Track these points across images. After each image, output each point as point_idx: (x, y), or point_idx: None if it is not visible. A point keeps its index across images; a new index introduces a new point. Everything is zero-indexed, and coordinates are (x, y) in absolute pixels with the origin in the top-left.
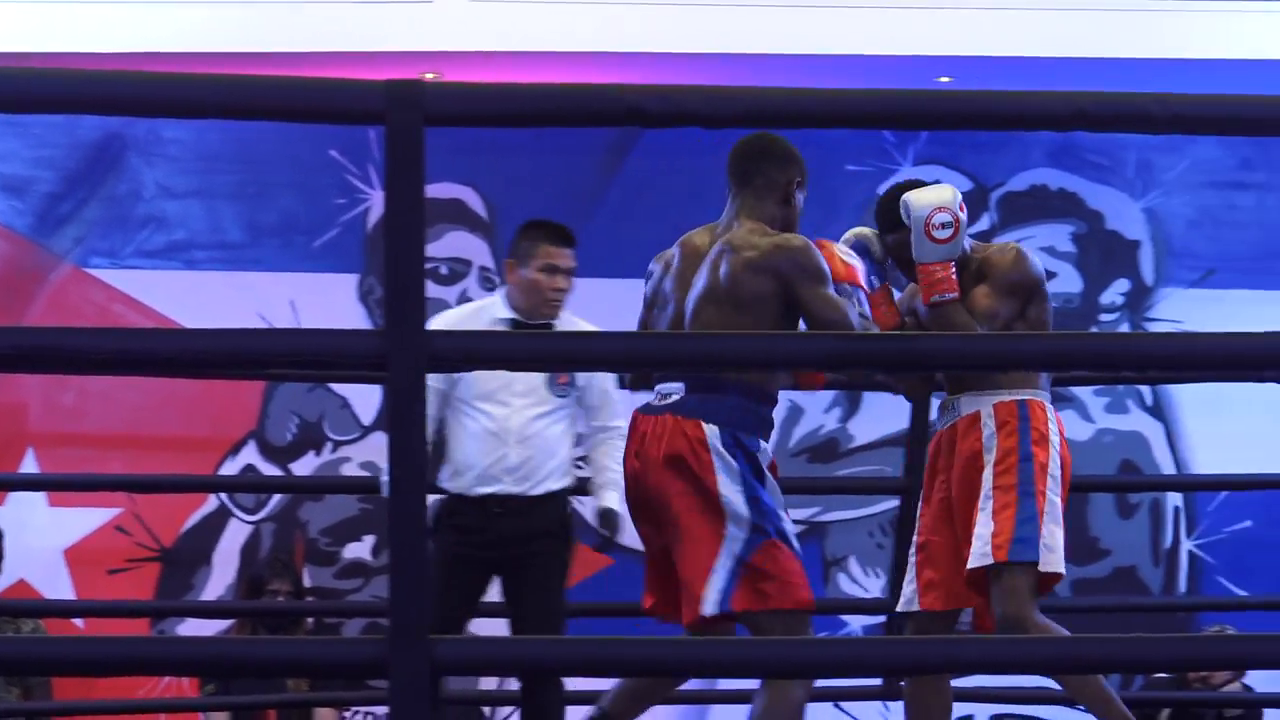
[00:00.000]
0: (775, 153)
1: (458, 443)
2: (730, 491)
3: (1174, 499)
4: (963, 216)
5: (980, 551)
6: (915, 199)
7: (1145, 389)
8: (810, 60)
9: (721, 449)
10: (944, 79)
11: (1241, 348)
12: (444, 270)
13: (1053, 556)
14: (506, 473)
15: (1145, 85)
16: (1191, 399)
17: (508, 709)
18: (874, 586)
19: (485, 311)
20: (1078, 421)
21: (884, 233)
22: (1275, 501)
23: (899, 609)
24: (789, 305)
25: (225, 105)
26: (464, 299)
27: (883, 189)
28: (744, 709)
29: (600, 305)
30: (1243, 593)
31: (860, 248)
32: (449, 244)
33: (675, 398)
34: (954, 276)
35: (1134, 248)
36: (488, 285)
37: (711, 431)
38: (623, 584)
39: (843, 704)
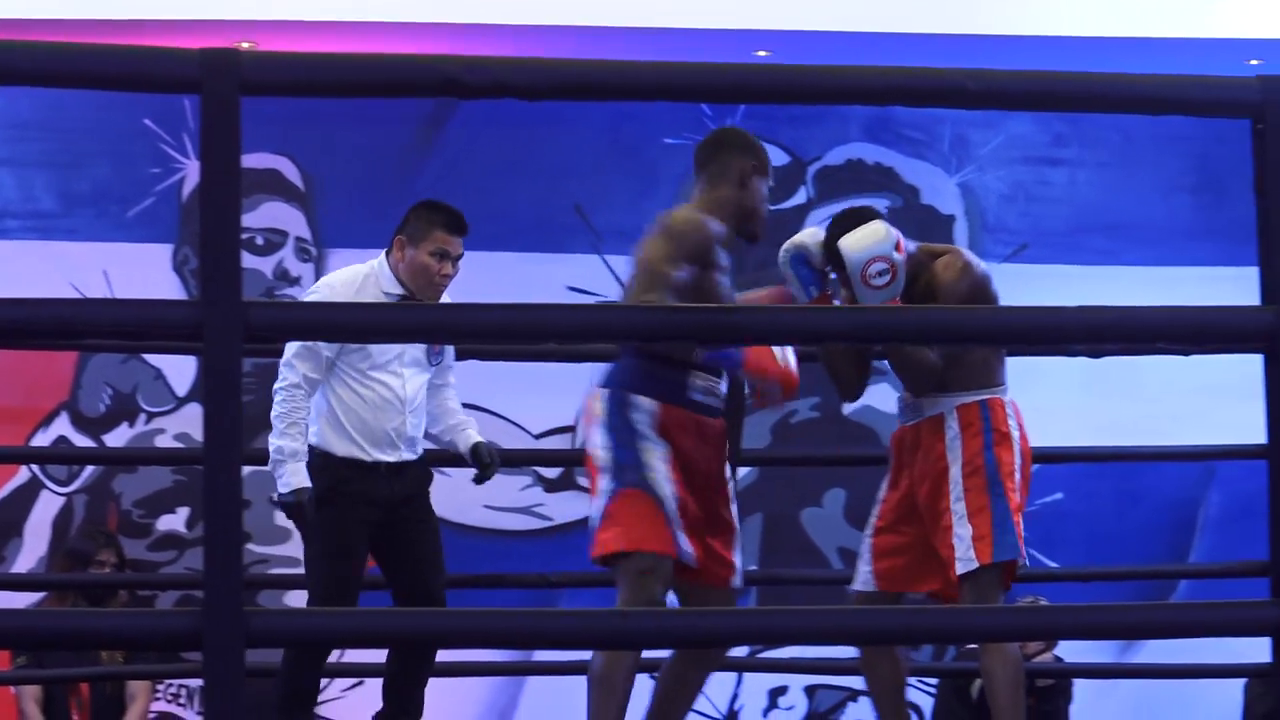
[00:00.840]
0: (732, 142)
1: (353, 411)
2: (601, 447)
3: None
4: (899, 258)
5: (964, 555)
6: (849, 250)
7: None
8: (628, 33)
9: (600, 410)
10: (762, 53)
11: (1051, 321)
12: (260, 240)
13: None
14: (401, 439)
15: (962, 61)
16: (1014, 371)
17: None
18: None
19: (372, 281)
20: (892, 395)
21: (831, 269)
22: (1085, 474)
23: (854, 587)
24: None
25: (37, 72)
26: (280, 270)
27: (821, 226)
28: (561, 680)
29: None
30: (1053, 564)
31: (799, 258)
32: (265, 214)
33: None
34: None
35: (949, 222)
36: (304, 256)
37: (601, 395)
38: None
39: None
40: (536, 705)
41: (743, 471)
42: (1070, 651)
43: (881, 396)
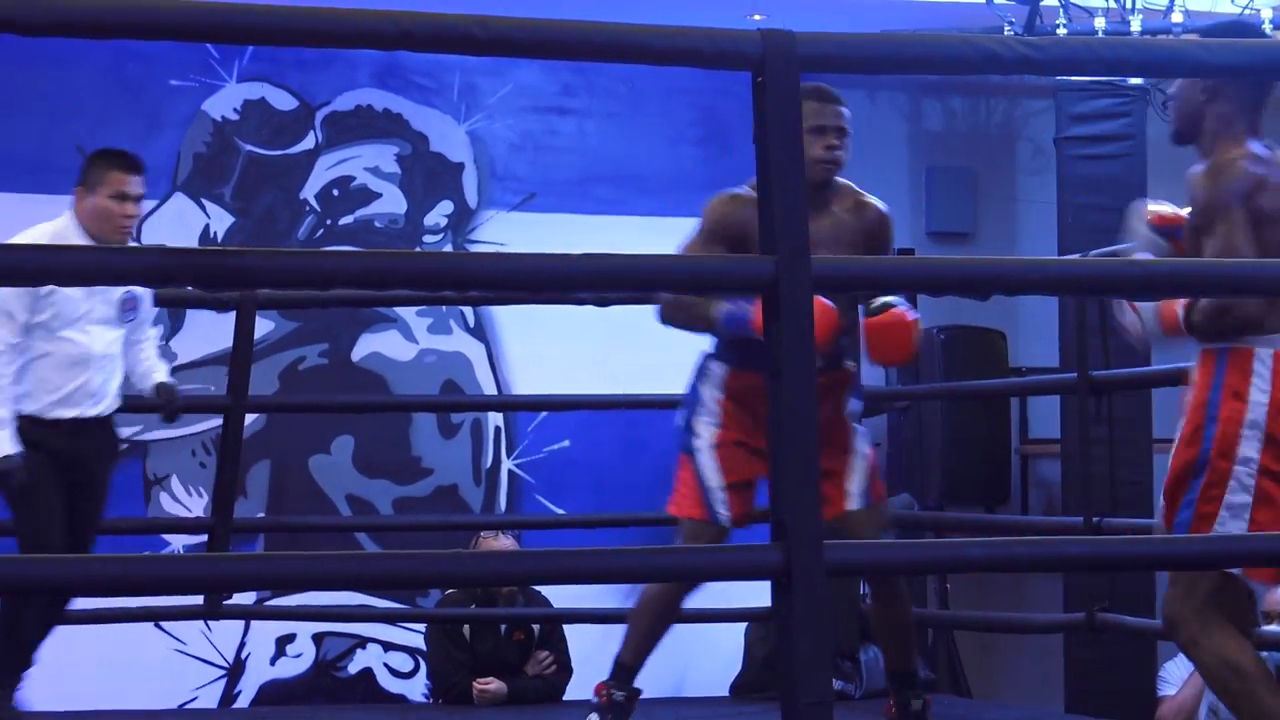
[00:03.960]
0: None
1: (42, 370)
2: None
3: (495, 419)
4: None
5: None
6: None
7: (468, 310)
8: None
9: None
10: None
11: (556, 269)
12: None
13: None
14: (88, 396)
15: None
16: (512, 321)
17: None
18: (196, 506)
19: (62, 238)
20: (401, 342)
21: None
22: (592, 422)
23: None
24: None
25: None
26: None
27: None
28: None
29: None
30: (560, 510)
31: None
32: None
33: None
34: None
35: (458, 170)
36: None
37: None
38: None
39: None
40: None
41: (250, 418)
42: (572, 597)
43: (390, 343)
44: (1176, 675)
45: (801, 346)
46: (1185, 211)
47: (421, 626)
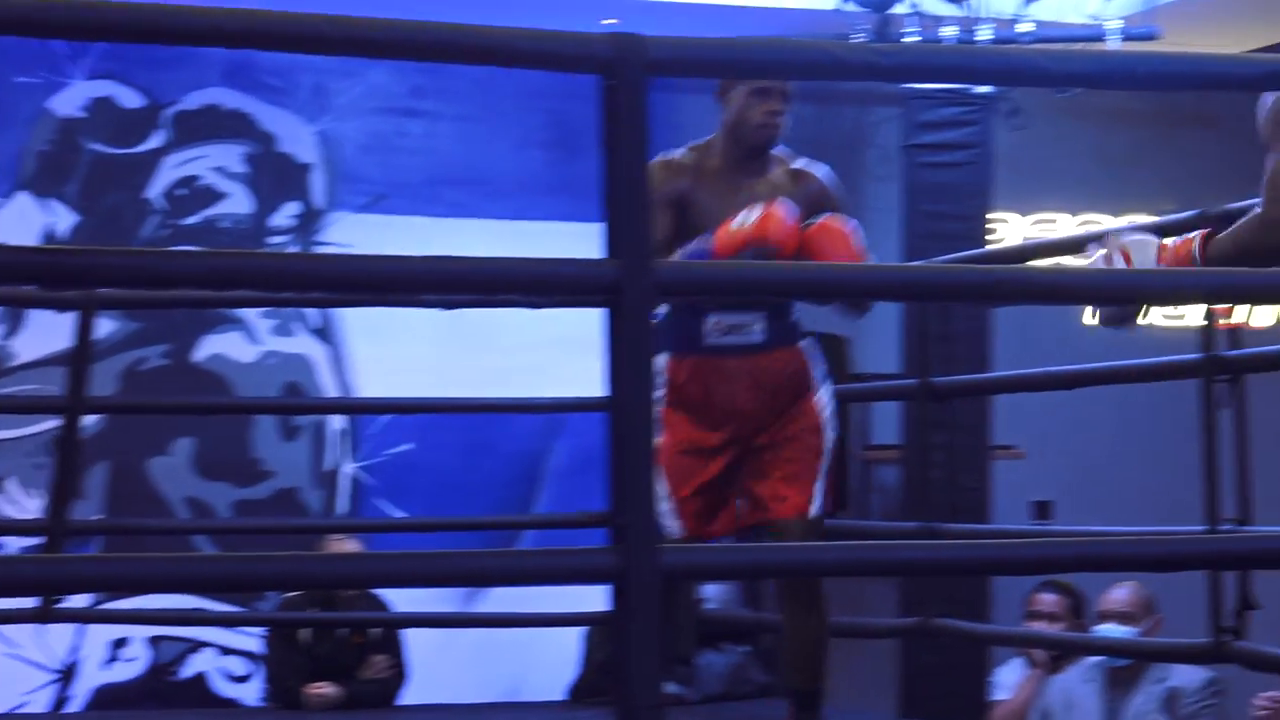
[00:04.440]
0: None
1: None
2: None
3: (338, 421)
4: None
5: None
6: None
7: (313, 312)
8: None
9: None
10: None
11: (396, 270)
12: None
13: None
14: None
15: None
16: (358, 324)
17: None
18: (33, 507)
19: None
20: (244, 344)
21: None
22: (435, 425)
23: None
24: None
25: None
26: None
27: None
28: None
29: None
30: (402, 514)
31: None
32: None
33: None
34: None
35: (306, 170)
36: None
37: None
38: None
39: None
40: None
41: (90, 419)
42: (412, 601)
43: (233, 345)
44: (1009, 680)
45: (642, 350)
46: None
47: (258, 630)
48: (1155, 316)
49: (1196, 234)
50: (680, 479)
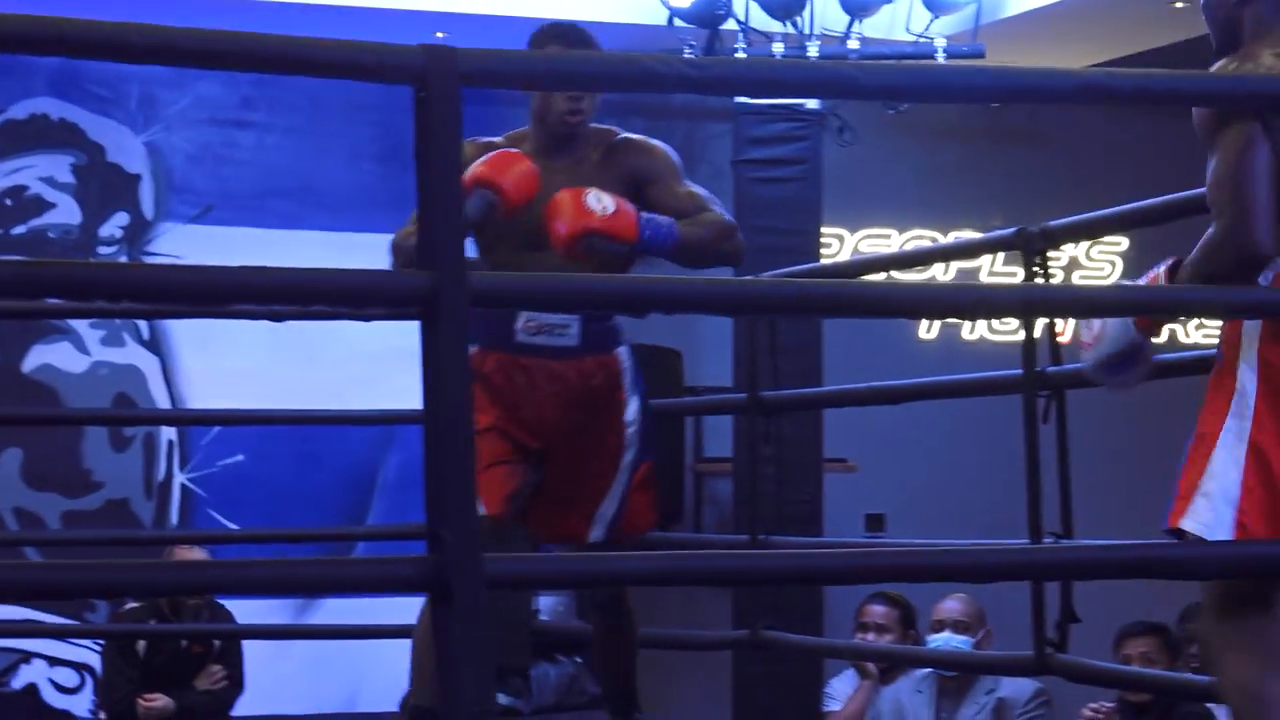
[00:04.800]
0: None
1: None
2: None
3: (169, 433)
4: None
5: None
6: None
7: (143, 323)
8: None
9: None
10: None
11: (211, 280)
12: None
13: None
14: None
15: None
16: (187, 334)
17: None
18: None
19: None
20: (73, 354)
21: None
22: (266, 436)
23: None
24: None
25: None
26: None
27: None
28: None
29: None
30: (234, 525)
31: None
32: None
33: None
34: None
35: (135, 181)
36: None
37: None
38: None
39: None
40: None
41: None
42: (244, 612)
43: (62, 355)
44: (842, 691)
45: (458, 358)
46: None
47: (89, 642)
48: (982, 329)
49: (1163, 267)
50: (489, 459)
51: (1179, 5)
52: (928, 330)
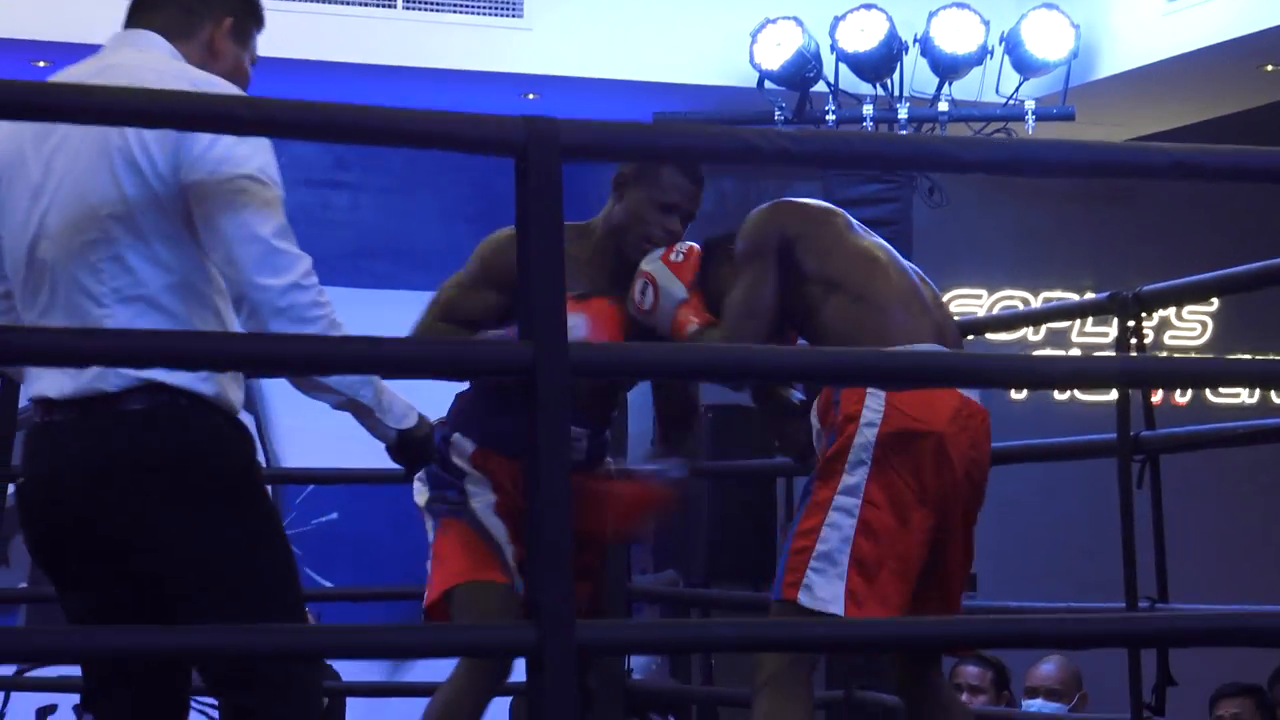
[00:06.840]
0: None
1: None
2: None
3: None
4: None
5: None
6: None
7: None
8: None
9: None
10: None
11: (320, 352)
12: None
13: None
14: None
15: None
16: (282, 393)
17: None
18: None
19: None
20: None
21: None
22: (358, 495)
23: None
24: None
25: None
26: None
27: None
28: None
29: None
30: (328, 583)
31: None
32: None
33: None
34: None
35: None
36: None
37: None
38: None
39: None
40: None
41: None
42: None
43: None
44: None
45: (559, 430)
46: None
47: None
48: (1074, 392)
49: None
50: (515, 531)
51: (1269, 69)
52: (1018, 390)
